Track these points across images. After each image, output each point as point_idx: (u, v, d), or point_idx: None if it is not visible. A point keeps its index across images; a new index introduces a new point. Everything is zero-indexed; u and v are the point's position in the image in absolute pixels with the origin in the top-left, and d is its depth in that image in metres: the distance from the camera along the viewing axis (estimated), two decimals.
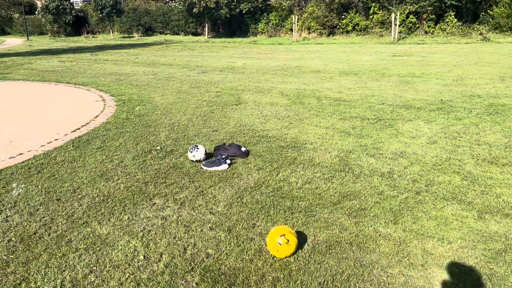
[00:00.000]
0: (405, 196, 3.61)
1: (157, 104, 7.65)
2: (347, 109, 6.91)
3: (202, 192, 3.81)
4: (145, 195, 3.74)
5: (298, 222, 3.22)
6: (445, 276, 2.51)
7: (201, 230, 3.13)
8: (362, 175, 4.12)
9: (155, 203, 3.58)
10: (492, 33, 24.66)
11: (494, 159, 4.36)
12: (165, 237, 3.03)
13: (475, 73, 10.24)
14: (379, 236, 2.98)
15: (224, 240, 2.98)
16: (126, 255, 2.81)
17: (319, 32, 30.17)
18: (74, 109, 7.47)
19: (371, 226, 3.12)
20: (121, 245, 2.92)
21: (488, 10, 25.19)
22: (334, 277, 2.53)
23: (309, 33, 30.68)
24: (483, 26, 25.32)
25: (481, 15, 25.89)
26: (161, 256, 2.80)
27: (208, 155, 4.72)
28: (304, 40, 28.83)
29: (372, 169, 4.25)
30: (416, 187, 3.78)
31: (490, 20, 25.10)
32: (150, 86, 9.64)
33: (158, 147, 5.10)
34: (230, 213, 3.39)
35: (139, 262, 2.73)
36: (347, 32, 29.18)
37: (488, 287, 2.39)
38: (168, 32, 40.34)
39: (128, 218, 3.32)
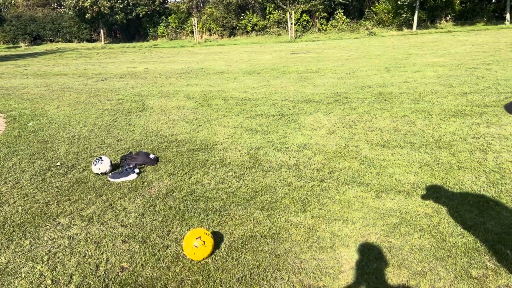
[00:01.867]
0: (311, 185, 3.83)
1: (53, 117, 7.13)
2: (253, 107, 7.09)
3: (111, 205, 3.65)
4: (47, 215, 3.49)
5: (213, 222, 3.25)
6: (351, 254, 2.73)
7: (113, 245, 3.01)
8: (271, 169, 4.28)
9: (59, 223, 3.36)
10: (377, 27, 27.02)
11: (386, 143, 4.81)
12: (74, 257, 2.86)
13: (365, 65, 11.16)
14: (291, 225, 3.14)
15: (138, 251, 2.90)
16: (31, 282, 2.60)
17: (220, 33, 30.45)
18: None
19: (282, 217, 3.27)
20: (24, 272, 2.70)
21: (372, 7, 27.56)
22: (252, 271, 2.61)
23: (210, 34, 30.82)
24: (368, 22, 27.63)
25: (366, 12, 28.21)
26: (71, 277, 2.64)
27: (114, 166, 4.54)
28: (206, 42, 28.87)
29: (280, 163, 4.43)
30: (320, 175, 4.03)
31: (374, 16, 27.48)
32: (43, 99, 8.94)
33: (58, 163, 4.77)
34: (143, 223, 3.30)
35: (46, 287, 2.55)
36: (247, 32, 29.87)
37: (388, 258, 2.65)
38: (60, 39, 37.61)
39: (30, 242, 3.07)
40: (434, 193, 3.49)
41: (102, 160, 4.40)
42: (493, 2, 24.72)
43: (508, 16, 23.57)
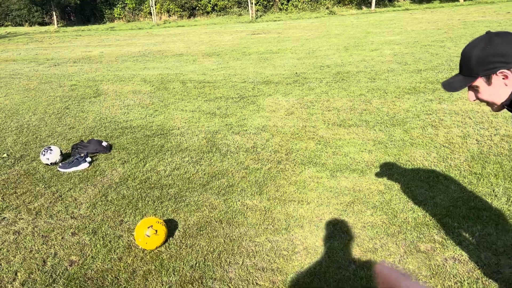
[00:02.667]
0: (268, 167, 3.81)
1: (0, 106, 6.75)
2: (212, 90, 6.97)
3: (61, 196, 3.51)
4: None
5: (168, 210, 3.18)
6: (305, 235, 2.74)
7: (62, 238, 2.89)
8: (229, 153, 4.23)
9: (4, 218, 3.19)
10: (337, 6, 27.11)
11: (342, 122, 4.85)
12: (20, 253, 2.73)
13: (324, 45, 11.19)
14: (247, 208, 3.11)
15: (89, 243, 2.80)
16: None
17: (179, 14, 29.67)
18: None
19: (239, 200, 3.24)
20: None
21: None
22: (206, 257, 2.57)
23: (169, 15, 29.97)
24: (328, 1, 27.66)
25: None
26: (15, 274, 2.52)
27: (65, 156, 4.35)
28: (165, 23, 28.08)
29: (237, 146, 4.39)
30: (278, 157, 4.02)
31: None
32: None
33: (5, 155, 4.53)
34: (94, 214, 3.19)
35: None
36: (207, 13, 29.25)
37: (341, 237, 2.68)
38: (9, 23, 35.53)
39: None
40: (387, 170, 3.55)
41: (51, 150, 4.20)
42: None
43: None
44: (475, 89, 1.41)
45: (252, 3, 26.01)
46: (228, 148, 4.35)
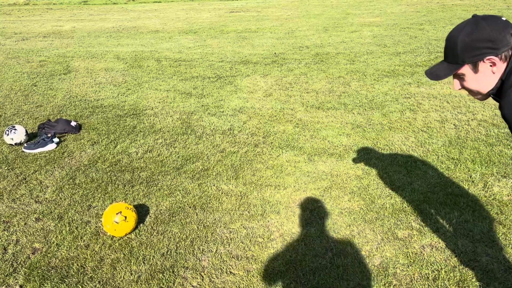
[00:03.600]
0: (245, 150, 3.70)
1: None
2: (188, 69, 6.76)
3: (25, 179, 3.32)
4: None
5: (139, 194, 3.04)
6: (282, 221, 2.66)
7: (25, 224, 2.73)
8: (205, 135, 4.10)
9: None
10: None
11: (321, 105, 4.76)
12: None
13: (303, 25, 11.02)
14: (222, 193, 3.01)
15: (54, 229, 2.65)
16: None
17: None
18: None
19: (214, 185, 3.13)
20: None
21: None
22: (178, 245, 2.47)
23: None
24: None
25: None
26: None
27: (31, 136, 4.13)
28: None
29: (214, 128, 4.25)
30: (255, 140, 3.91)
31: None
32: None
33: None
34: (61, 198, 3.03)
35: None
36: None
37: (317, 223, 2.62)
38: None
39: None
40: (365, 154, 3.50)
41: (15, 129, 3.97)
42: None
43: None
44: (460, 77, 1.32)
45: None
46: (204, 130, 4.21)
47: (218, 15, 14.74)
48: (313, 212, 2.73)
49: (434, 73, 1.35)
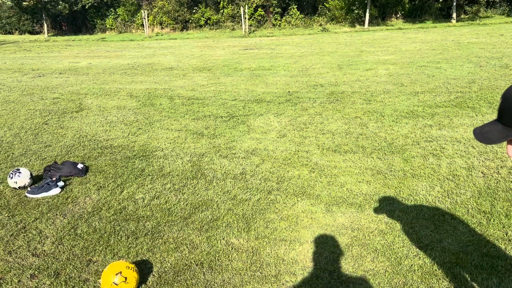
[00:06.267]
0: (258, 197, 3.48)
1: None
2: (201, 107, 6.66)
3: (24, 228, 3.13)
4: None
5: (143, 248, 2.82)
6: (298, 284, 2.40)
7: (19, 281, 2.51)
8: (215, 179, 3.89)
9: None
10: (330, 24, 27.16)
11: (337, 147, 4.55)
12: None
13: (317, 62, 10.97)
14: (232, 249, 2.77)
15: None
16: None
17: (172, 27, 29.48)
18: None
19: (223, 238, 2.89)
20: None
21: (325, 3, 27.67)
22: None
23: (162, 28, 29.76)
24: (322, 18, 27.71)
25: (319, 8, 28.27)
26: None
27: (36, 179, 3.98)
28: (157, 35, 27.86)
29: (225, 172, 4.05)
30: (268, 186, 3.69)
31: (327, 12, 27.60)
32: None
33: None
34: (60, 250, 2.82)
35: None
36: (200, 26, 29.10)
37: (338, 286, 2.34)
38: None
39: None
40: (388, 205, 3.24)
41: (20, 172, 3.83)
42: (440, 0, 25.51)
43: (454, 14, 24.41)
44: None
45: (245, 18, 25.94)
46: (215, 174, 4.01)
47: (232, 52, 14.87)
48: (332, 274, 2.46)
49: (485, 136, 1.13)
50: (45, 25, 31.65)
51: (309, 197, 3.45)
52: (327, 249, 2.71)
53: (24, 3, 29.29)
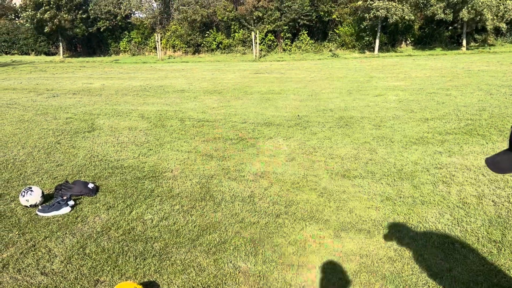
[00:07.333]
0: (266, 221, 3.48)
1: None
2: (211, 130, 6.73)
3: (34, 246, 3.15)
4: None
5: (150, 269, 2.82)
6: None
7: None
8: (224, 202, 3.91)
9: None
10: (340, 49, 27.49)
11: (346, 172, 4.55)
12: None
13: (327, 87, 11.07)
14: (239, 272, 2.76)
15: None
16: None
17: (184, 50, 30.06)
18: None
19: (230, 261, 2.89)
20: None
21: (335, 29, 28.09)
22: None
23: (174, 51, 30.36)
24: (332, 44, 28.07)
25: (329, 34, 28.69)
26: None
27: (47, 197, 4.03)
28: (169, 58, 28.40)
29: (233, 194, 4.07)
30: (276, 209, 3.69)
31: (337, 38, 27.98)
32: None
33: None
34: (68, 270, 2.83)
35: None
36: (212, 50, 29.63)
37: None
38: (16, 52, 36.01)
39: None
40: (397, 232, 3.21)
41: (31, 190, 3.88)
42: (449, 28, 25.74)
43: (464, 42, 24.57)
44: None
45: (256, 43, 26.36)
46: (223, 196, 4.03)
47: (243, 76, 15.07)
48: None
49: (497, 165, 1.15)
50: (61, 46, 32.46)
51: (318, 221, 3.44)
52: (335, 275, 2.69)
53: (46, 29, 30.12)
